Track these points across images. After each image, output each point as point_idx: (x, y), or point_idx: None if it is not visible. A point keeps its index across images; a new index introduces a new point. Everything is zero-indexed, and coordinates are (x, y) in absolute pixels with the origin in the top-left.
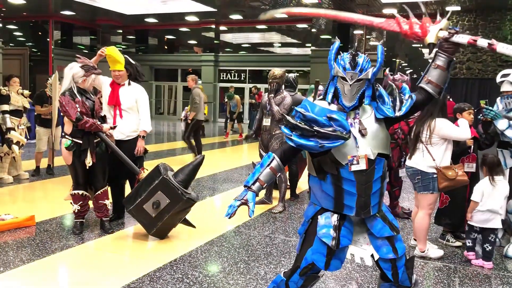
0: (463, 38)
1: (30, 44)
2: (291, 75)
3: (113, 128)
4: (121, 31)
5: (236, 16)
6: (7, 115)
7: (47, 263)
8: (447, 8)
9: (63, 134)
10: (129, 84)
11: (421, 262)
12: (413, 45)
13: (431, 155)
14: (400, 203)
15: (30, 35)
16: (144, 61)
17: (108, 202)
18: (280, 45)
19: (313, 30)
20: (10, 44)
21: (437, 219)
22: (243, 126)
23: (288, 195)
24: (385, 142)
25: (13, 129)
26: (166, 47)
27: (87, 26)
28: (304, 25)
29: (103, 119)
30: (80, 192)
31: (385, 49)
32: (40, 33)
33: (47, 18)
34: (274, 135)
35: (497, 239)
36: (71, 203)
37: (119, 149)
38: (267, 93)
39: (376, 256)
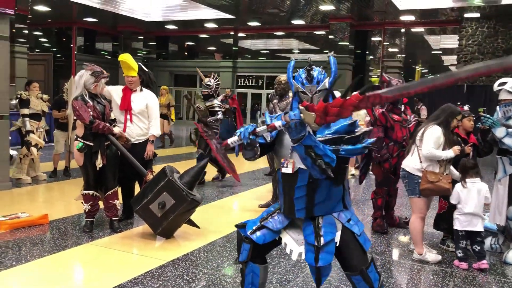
0: None
1: (55, 50)
2: None
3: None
4: (142, 37)
5: (254, 23)
6: (26, 119)
7: (57, 259)
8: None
9: (75, 136)
10: (141, 90)
11: (417, 266)
12: (433, 52)
13: (419, 157)
14: (399, 212)
15: (55, 41)
16: (164, 67)
17: (118, 203)
18: (297, 51)
19: (331, 36)
20: (36, 50)
21: (436, 224)
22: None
23: None
24: None
25: (32, 132)
26: (186, 53)
27: (109, 33)
28: (322, 32)
29: (113, 121)
30: (91, 192)
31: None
32: (64, 39)
33: (70, 24)
34: None
35: (497, 245)
36: (82, 202)
37: (129, 152)
38: (273, 99)
39: (303, 256)
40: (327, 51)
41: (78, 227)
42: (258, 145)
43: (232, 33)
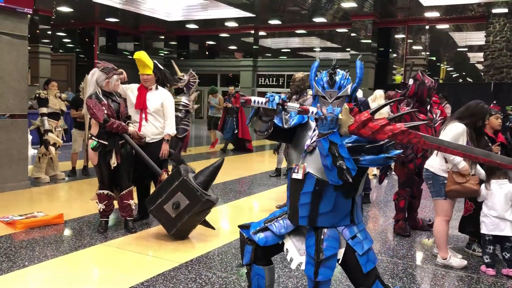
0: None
1: (78, 50)
2: None
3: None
4: (163, 37)
5: (275, 21)
6: (45, 118)
7: (69, 260)
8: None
9: (89, 135)
10: (156, 88)
11: (442, 271)
12: (459, 49)
13: (445, 157)
14: (422, 214)
15: (78, 42)
16: (185, 66)
17: (133, 202)
18: (319, 49)
19: (353, 34)
20: (60, 51)
21: (461, 227)
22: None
23: None
24: (323, 170)
25: (51, 131)
26: (207, 53)
27: (130, 33)
28: (344, 30)
29: (129, 119)
30: (105, 192)
31: (428, 53)
32: (86, 39)
33: (93, 25)
34: None
35: None
36: (96, 202)
37: (144, 151)
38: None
39: (302, 267)
40: (349, 50)
41: (93, 227)
42: (273, 123)
43: (253, 31)
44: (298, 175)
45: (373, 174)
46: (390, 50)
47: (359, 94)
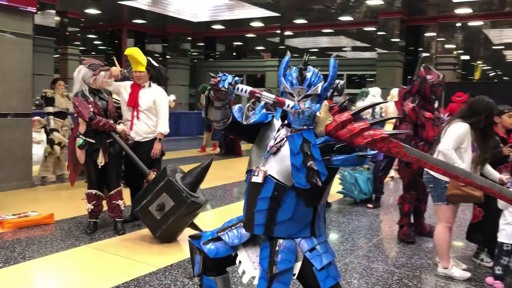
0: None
1: (110, 52)
2: (340, 82)
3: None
4: (190, 38)
5: (300, 21)
6: (51, 117)
7: (45, 262)
8: None
9: (77, 133)
10: (149, 86)
11: (441, 282)
12: (494, 47)
13: (445, 158)
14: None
15: (108, 43)
16: (210, 67)
17: (122, 203)
18: (346, 48)
19: (380, 33)
20: (92, 53)
21: (469, 235)
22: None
23: None
24: (287, 173)
25: (57, 130)
26: (234, 54)
27: (158, 34)
28: (372, 28)
29: (120, 118)
30: (94, 191)
31: (462, 51)
32: (116, 41)
33: (121, 27)
34: None
35: None
36: (85, 202)
37: (136, 150)
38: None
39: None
40: (377, 49)
41: (83, 227)
42: (231, 115)
43: (279, 31)
44: (258, 178)
45: (390, 176)
46: (420, 48)
47: (375, 91)
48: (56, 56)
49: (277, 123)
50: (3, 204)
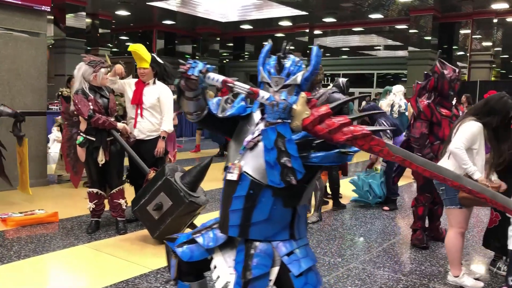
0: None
1: None
2: (342, 80)
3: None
4: (219, 38)
5: (329, 19)
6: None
7: (37, 261)
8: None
9: (78, 131)
10: (154, 83)
11: None
12: None
13: (456, 160)
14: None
15: None
16: (239, 67)
17: (123, 202)
18: (376, 47)
19: (412, 30)
20: (125, 54)
21: (486, 241)
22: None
23: (331, 204)
24: (263, 170)
25: None
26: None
27: (188, 35)
28: (403, 26)
29: (122, 118)
30: (95, 190)
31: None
32: (147, 42)
33: (151, 28)
34: None
35: None
36: (88, 201)
37: (139, 148)
38: None
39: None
40: (409, 47)
41: (86, 226)
42: (206, 107)
43: (307, 30)
44: (232, 176)
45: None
46: (455, 46)
47: (398, 89)
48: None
49: (257, 116)
50: (15, 201)
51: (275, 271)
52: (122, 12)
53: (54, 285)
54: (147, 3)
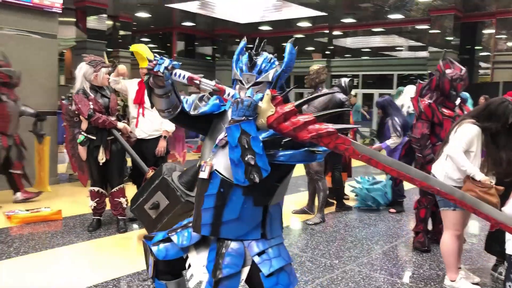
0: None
1: (164, 55)
2: (344, 80)
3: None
4: (238, 40)
5: (349, 20)
6: None
7: (35, 258)
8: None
9: (79, 130)
10: None
11: None
12: None
13: (453, 161)
14: None
15: (160, 46)
16: None
17: (124, 200)
18: (397, 47)
19: (432, 31)
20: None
21: (487, 245)
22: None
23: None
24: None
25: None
26: (284, 55)
27: (207, 37)
28: (424, 26)
29: (123, 117)
30: (96, 188)
31: None
32: (168, 44)
33: (171, 30)
34: None
35: None
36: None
37: (141, 148)
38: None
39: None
40: (429, 47)
41: (86, 224)
42: (179, 104)
43: (327, 31)
44: (204, 174)
45: None
46: (476, 47)
47: (410, 89)
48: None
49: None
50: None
51: (246, 270)
52: (142, 14)
53: (47, 281)
54: (166, 5)
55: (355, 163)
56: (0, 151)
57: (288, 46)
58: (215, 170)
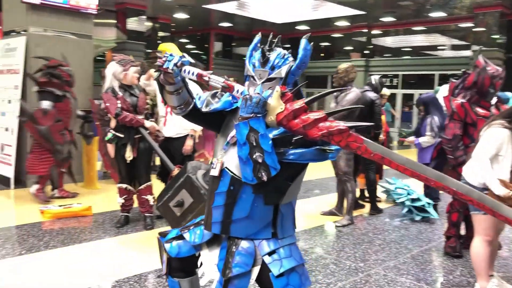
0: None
1: (200, 55)
2: (375, 77)
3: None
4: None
5: (388, 18)
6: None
7: (62, 253)
8: None
9: (109, 128)
10: None
11: None
12: None
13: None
14: None
15: (198, 47)
16: None
17: (151, 198)
18: (439, 47)
19: (477, 29)
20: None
21: None
22: None
23: (368, 208)
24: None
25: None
26: (322, 54)
27: (245, 37)
28: (468, 24)
29: (152, 116)
30: (124, 185)
31: None
32: (206, 45)
33: (208, 30)
34: None
35: None
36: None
37: (169, 146)
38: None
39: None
40: (473, 46)
41: (115, 221)
42: (191, 101)
43: (366, 30)
44: (214, 171)
45: None
46: None
47: (445, 89)
48: (147, 60)
49: None
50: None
51: (256, 270)
52: (181, 15)
53: (71, 275)
54: (202, 6)
55: None
56: (65, 146)
57: (303, 41)
58: (226, 167)
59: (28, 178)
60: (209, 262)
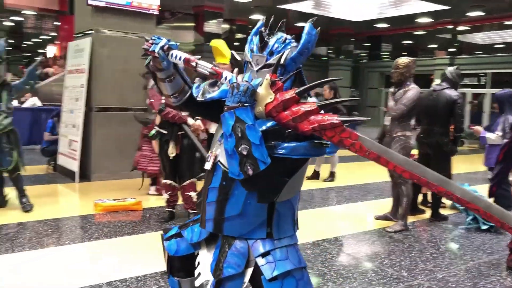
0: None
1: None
2: (450, 69)
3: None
4: (353, 38)
5: (476, 13)
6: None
7: (102, 244)
8: None
9: (154, 125)
10: None
11: None
12: None
13: None
14: None
15: None
16: (374, 67)
17: (194, 195)
18: None
19: None
20: None
21: None
22: None
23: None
24: None
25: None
26: (405, 53)
27: (321, 37)
28: None
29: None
30: (168, 181)
31: None
32: None
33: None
34: (395, 138)
35: None
36: (163, 192)
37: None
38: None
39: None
40: None
41: (161, 216)
42: (187, 89)
43: (451, 26)
44: (207, 165)
45: None
46: None
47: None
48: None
49: None
50: (113, 189)
51: (249, 272)
52: (257, 17)
53: (102, 268)
54: (279, 7)
55: (457, 168)
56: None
57: (307, 26)
58: (218, 161)
59: (93, 172)
60: (205, 262)
